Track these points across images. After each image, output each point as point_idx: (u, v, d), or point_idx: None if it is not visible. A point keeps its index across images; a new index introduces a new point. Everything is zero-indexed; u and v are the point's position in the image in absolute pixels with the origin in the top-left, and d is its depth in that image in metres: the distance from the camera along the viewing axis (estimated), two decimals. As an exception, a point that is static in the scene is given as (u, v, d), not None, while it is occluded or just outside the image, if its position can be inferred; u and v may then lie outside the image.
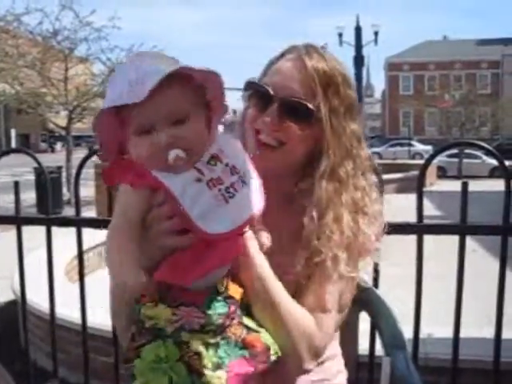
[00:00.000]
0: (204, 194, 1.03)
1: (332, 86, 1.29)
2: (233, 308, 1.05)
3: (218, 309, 1.03)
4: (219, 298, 1.04)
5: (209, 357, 1.01)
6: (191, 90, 1.05)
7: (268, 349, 1.07)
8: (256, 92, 1.33)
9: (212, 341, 1.02)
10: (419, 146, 38.32)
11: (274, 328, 1.14)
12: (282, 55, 1.36)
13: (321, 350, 1.23)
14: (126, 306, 1.07)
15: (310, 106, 1.27)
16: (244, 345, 1.05)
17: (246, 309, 1.11)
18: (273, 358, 1.07)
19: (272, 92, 1.29)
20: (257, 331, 1.08)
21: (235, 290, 1.08)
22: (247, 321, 1.09)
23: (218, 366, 1.01)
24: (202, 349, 1.01)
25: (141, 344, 1.02)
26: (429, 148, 35.94)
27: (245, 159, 1.11)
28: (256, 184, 1.10)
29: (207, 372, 1.00)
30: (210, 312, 1.02)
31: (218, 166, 1.06)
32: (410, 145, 37.42)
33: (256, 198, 1.08)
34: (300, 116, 1.28)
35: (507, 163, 2.12)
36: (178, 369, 1.00)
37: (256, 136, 1.30)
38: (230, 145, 1.12)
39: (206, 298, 1.03)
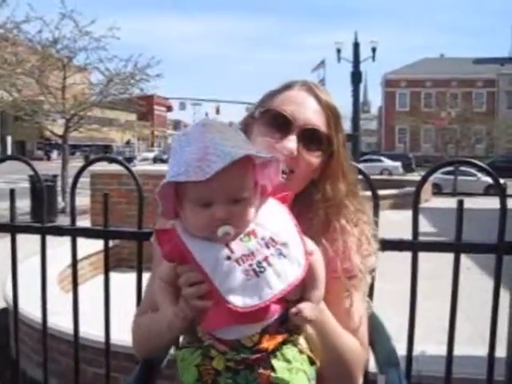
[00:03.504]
0: (234, 271, 1.06)
1: (339, 119, 1.36)
2: (256, 356, 1.09)
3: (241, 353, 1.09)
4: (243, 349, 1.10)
5: (223, 378, 1.08)
6: (251, 172, 1.11)
7: None
8: (273, 119, 1.32)
9: (232, 365, 1.08)
10: (387, 162, 38.47)
11: (333, 357, 1.23)
12: (288, 86, 1.37)
13: (365, 364, 1.36)
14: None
15: (328, 135, 1.31)
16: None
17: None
18: None
19: (292, 120, 1.29)
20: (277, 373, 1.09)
21: (267, 342, 1.10)
22: (278, 363, 1.10)
23: None
24: (220, 367, 1.08)
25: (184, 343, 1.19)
26: (397, 164, 36.67)
27: (287, 227, 1.14)
28: (297, 253, 1.11)
29: None
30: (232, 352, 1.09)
31: (251, 241, 1.09)
32: (379, 160, 38.16)
33: (292, 269, 1.10)
34: (318, 145, 1.31)
35: (501, 181, 2.13)
36: (191, 371, 1.11)
37: None
38: (273, 214, 1.15)
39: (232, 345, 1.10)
